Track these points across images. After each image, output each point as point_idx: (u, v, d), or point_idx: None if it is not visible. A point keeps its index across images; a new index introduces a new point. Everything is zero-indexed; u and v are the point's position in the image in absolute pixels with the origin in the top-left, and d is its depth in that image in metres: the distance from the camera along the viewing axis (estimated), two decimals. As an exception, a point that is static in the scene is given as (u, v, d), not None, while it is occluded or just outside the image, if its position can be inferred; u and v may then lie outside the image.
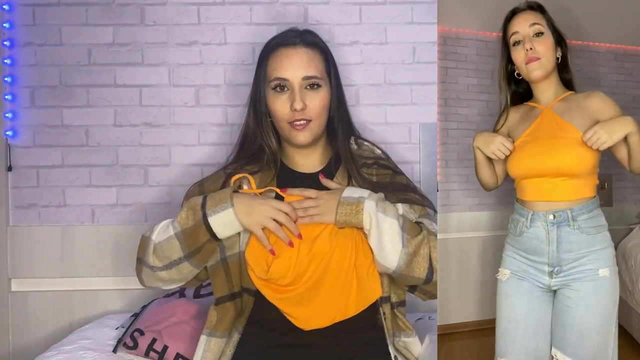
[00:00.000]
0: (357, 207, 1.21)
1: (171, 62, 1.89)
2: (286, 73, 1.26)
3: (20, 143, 1.89)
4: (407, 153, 1.90)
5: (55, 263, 1.88)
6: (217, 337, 1.27)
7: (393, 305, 1.29)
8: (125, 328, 1.64)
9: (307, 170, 1.34)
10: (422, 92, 1.91)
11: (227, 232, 1.22)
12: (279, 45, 1.30)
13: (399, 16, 1.89)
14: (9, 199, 1.89)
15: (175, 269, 1.25)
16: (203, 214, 1.21)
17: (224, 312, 1.27)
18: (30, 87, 1.88)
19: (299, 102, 1.24)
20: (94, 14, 1.87)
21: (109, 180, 1.90)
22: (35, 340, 1.88)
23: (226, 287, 1.27)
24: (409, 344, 1.29)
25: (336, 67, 1.34)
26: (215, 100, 1.89)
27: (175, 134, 1.89)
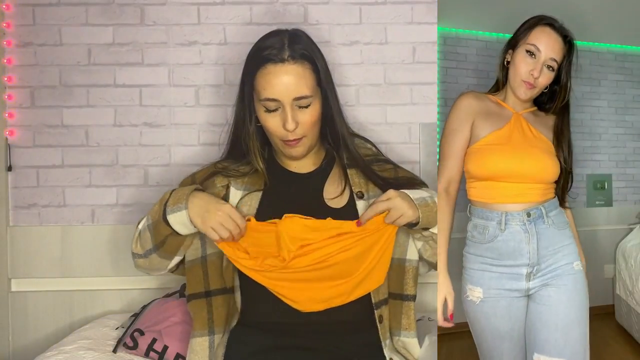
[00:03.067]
0: (434, 208, 1.23)
1: (171, 62, 1.88)
2: (276, 94, 1.23)
3: (20, 143, 1.89)
4: (407, 153, 1.90)
5: (55, 263, 1.88)
6: (197, 336, 1.28)
7: (404, 298, 1.29)
8: (125, 328, 1.64)
9: (300, 170, 1.34)
10: (422, 92, 1.91)
11: (185, 230, 1.23)
12: (265, 61, 1.24)
13: (399, 16, 1.89)
14: (9, 199, 1.89)
15: (148, 258, 1.30)
16: (163, 211, 1.22)
17: (195, 309, 1.28)
18: (30, 87, 1.88)
19: (291, 124, 1.23)
20: (93, 14, 1.87)
21: (109, 180, 1.89)
22: (35, 340, 1.88)
23: (201, 284, 1.28)
24: (408, 345, 1.29)
25: (327, 73, 1.31)
26: (215, 100, 1.89)
27: (175, 134, 1.89)
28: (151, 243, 1.27)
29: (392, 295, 1.30)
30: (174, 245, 1.26)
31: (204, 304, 1.27)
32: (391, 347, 1.28)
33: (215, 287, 1.27)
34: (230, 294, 1.28)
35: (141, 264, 1.34)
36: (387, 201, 1.20)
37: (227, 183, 1.32)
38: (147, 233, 1.28)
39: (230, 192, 1.31)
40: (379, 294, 1.27)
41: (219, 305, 1.27)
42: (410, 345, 1.29)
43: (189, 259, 1.30)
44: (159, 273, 1.38)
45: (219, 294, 1.27)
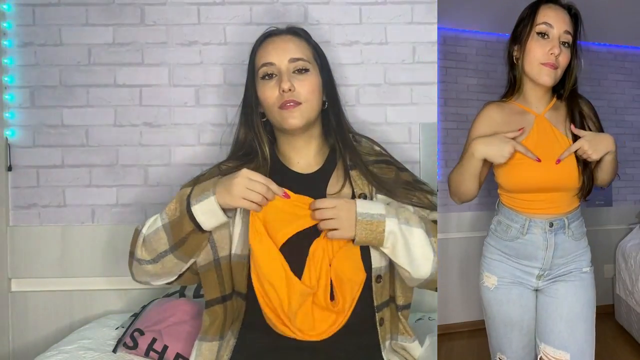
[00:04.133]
0: (378, 227, 1.18)
1: (171, 62, 1.88)
2: (272, 57, 1.27)
3: (20, 143, 1.89)
4: (407, 153, 1.89)
5: (55, 263, 1.88)
6: (208, 341, 1.27)
7: (398, 308, 1.29)
8: (125, 328, 1.64)
9: (303, 170, 1.33)
10: (422, 92, 1.91)
11: (212, 222, 1.20)
12: (266, 36, 1.33)
13: (399, 16, 1.89)
14: (9, 199, 1.89)
15: (161, 262, 1.24)
16: (187, 204, 1.20)
17: (214, 315, 1.27)
18: (30, 87, 1.88)
19: (286, 82, 1.25)
20: (94, 14, 1.87)
21: (109, 180, 1.89)
22: (35, 340, 1.88)
23: (217, 289, 1.26)
24: (407, 347, 1.29)
25: (324, 57, 1.36)
26: (215, 100, 1.89)
27: (175, 134, 1.89)
28: (167, 244, 1.22)
29: (391, 298, 1.30)
30: (193, 245, 1.22)
31: (222, 309, 1.26)
32: (390, 349, 1.28)
33: (229, 291, 1.27)
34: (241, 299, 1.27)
35: (149, 270, 1.26)
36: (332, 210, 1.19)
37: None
38: (160, 234, 1.23)
39: None
40: (382, 296, 1.27)
41: (232, 309, 1.27)
42: (410, 348, 1.29)
43: (202, 264, 1.27)
44: (163, 281, 1.31)
45: (232, 298, 1.27)
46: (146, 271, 1.27)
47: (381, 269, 1.25)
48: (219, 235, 1.25)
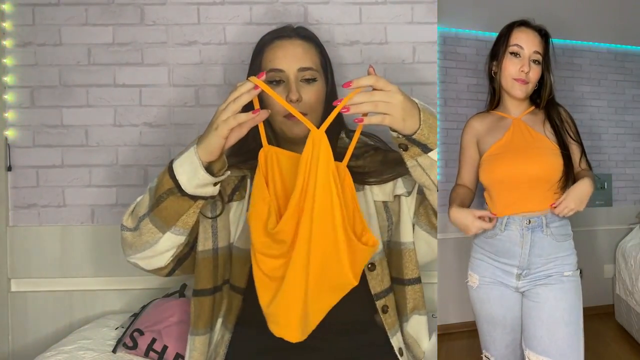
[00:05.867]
0: (435, 124, 1.06)
1: (171, 62, 1.88)
2: (281, 64, 1.25)
3: (20, 143, 1.89)
4: (407, 153, 1.89)
5: (54, 263, 1.88)
6: (200, 334, 1.26)
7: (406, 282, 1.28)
8: (125, 328, 1.64)
9: None
10: (422, 92, 1.91)
11: (192, 181, 1.12)
12: (274, 38, 1.30)
13: (399, 16, 1.89)
14: (9, 199, 1.89)
15: (138, 230, 1.19)
16: (170, 161, 1.16)
17: (201, 306, 1.25)
18: (30, 87, 1.88)
19: (294, 93, 1.24)
20: (93, 14, 1.87)
21: (109, 180, 1.89)
22: (35, 340, 1.88)
23: (210, 280, 1.25)
24: (419, 331, 1.28)
25: (330, 63, 1.35)
26: (215, 100, 1.89)
27: (175, 134, 1.89)
28: (147, 206, 1.18)
29: (395, 280, 1.29)
30: (171, 210, 1.14)
31: (210, 301, 1.25)
32: (399, 338, 1.27)
33: (220, 282, 1.26)
34: (235, 293, 1.27)
35: (128, 237, 1.21)
36: (386, 92, 1.04)
37: (240, 174, 1.30)
38: (144, 198, 1.19)
39: (247, 183, 1.30)
40: (382, 284, 1.26)
41: (220, 302, 1.27)
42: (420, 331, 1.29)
43: (201, 249, 1.24)
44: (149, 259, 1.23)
45: (223, 290, 1.27)
46: (124, 239, 1.23)
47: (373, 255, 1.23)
48: (222, 225, 1.25)
